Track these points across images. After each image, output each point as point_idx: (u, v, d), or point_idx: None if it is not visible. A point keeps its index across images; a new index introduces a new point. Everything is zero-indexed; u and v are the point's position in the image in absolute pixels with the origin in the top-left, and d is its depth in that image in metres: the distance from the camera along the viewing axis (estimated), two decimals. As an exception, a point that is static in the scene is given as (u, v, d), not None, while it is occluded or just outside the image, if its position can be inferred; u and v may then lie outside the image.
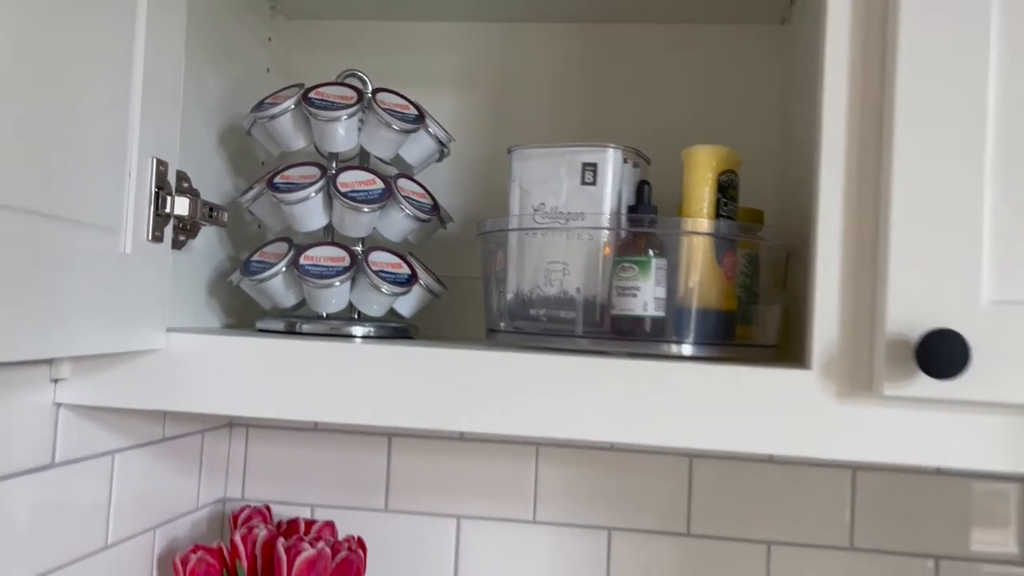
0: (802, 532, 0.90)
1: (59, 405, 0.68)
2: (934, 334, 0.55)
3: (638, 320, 0.67)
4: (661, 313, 0.67)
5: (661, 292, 0.67)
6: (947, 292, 0.57)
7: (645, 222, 0.69)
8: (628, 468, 0.92)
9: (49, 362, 0.67)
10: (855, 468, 0.89)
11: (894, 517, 0.88)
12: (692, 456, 0.92)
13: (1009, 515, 0.87)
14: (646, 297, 0.67)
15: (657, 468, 0.92)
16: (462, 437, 0.95)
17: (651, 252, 0.67)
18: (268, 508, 0.91)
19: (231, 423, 0.98)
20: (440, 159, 0.86)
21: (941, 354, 0.55)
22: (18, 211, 0.50)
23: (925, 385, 0.56)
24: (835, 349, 0.60)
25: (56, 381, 0.68)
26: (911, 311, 0.57)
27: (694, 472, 0.91)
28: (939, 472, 0.88)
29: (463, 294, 0.89)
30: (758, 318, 0.76)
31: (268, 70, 0.94)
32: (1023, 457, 0.58)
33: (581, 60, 0.94)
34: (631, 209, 0.70)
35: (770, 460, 0.90)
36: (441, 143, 0.83)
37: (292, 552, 0.79)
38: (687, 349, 0.67)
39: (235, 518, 0.88)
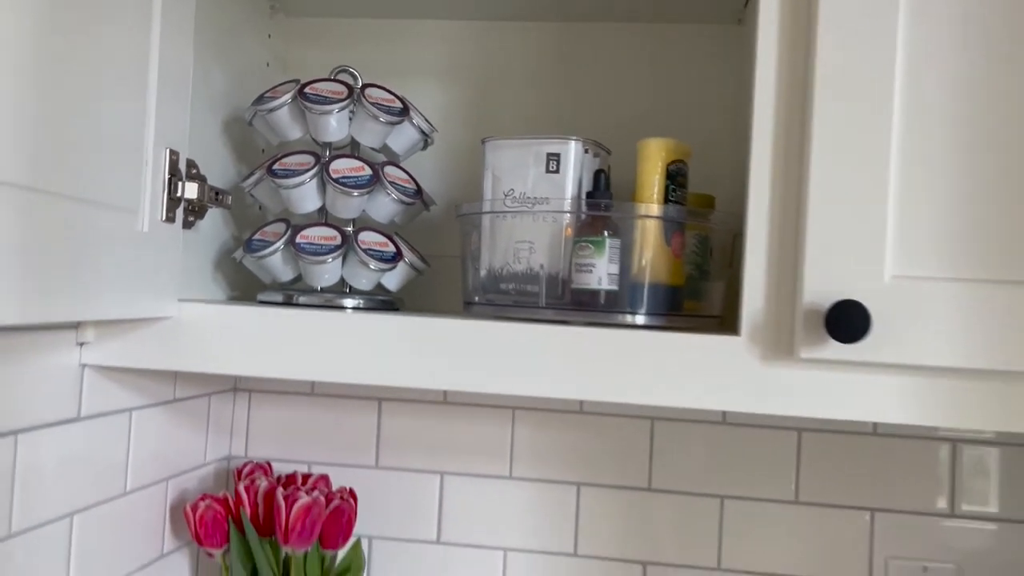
0: (752, 487, 0.99)
1: (84, 366, 0.77)
2: (840, 304, 0.64)
3: (594, 293, 0.76)
4: (615, 287, 0.76)
5: (614, 268, 0.76)
6: (855, 268, 0.66)
7: (601, 206, 0.77)
8: (595, 429, 1.01)
9: (75, 327, 0.76)
10: (800, 430, 0.98)
11: (835, 474, 0.98)
12: (653, 419, 1.01)
13: (938, 471, 0.96)
14: (600, 273, 0.76)
15: (621, 429, 1.01)
16: (445, 401, 1.04)
17: (606, 233, 0.76)
18: (269, 464, 1.01)
19: (235, 387, 1.08)
20: (424, 148, 0.94)
21: (846, 322, 0.64)
22: (51, 195, 0.59)
23: (834, 349, 0.65)
24: (760, 318, 0.69)
25: (81, 344, 0.77)
26: (824, 285, 0.66)
27: (655, 433, 1.01)
28: (875, 433, 0.97)
29: (444, 271, 0.97)
30: (706, 293, 0.85)
31: (268, 64, 1.03)
32: (921, 412, 0.67)
33: (553, 56, 1.02)
34: (589, 195, 0.78)
35: (723, 422, 1.00)
36: (424, 133, 0.91)
37: (290, 500, 0.88)
38: (639, 319, 0.76)
39: (239, 472, 0.97)
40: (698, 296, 0.86)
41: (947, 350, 0.65)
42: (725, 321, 0.82)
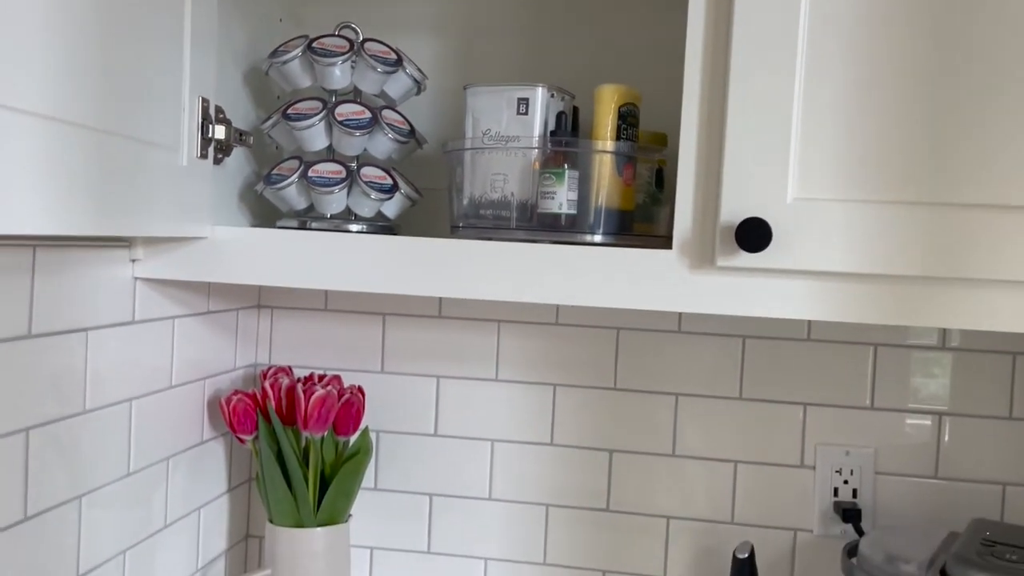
0: (702, 386, 1.15)
1: (136, 279, 0.94)
2: (747, 221, 0.79)
3: (556, 216, 0.91)
4: (573, 211, 0.91)
5: (573, 195, 0.91)
6: (763, 192, 0.80)
7: (562, 143, 0.92)
8: (569, 338, 1.18)
9: (128, 246, 0.92)
10: (744, 336, 1.14)
11: (773, 374, 1.13)
12: (618, 328, 1.17)
13: (861, 371, 1.12)
14: (561, 199, 0.91)
15: (591, 338, 1.17)
16: (440, 315, 1.21)
17: (566, 166, 0.91)
18: (290, 368, 1.18)
19: (259, 304, 1.24)
20: (418, 93, 1.08)
21: (751, 235, 0.79)
22: (112, 134, 0.74)
23: (744, 258, 0.81)
24: (688, 235, 0.84)
25: (134, 261, 0.93)
26: (738, 205, 0.81)
27: (620, 341, 1.17)
28: (808, 339, 1.13)
29: (435, 200, 1.12)
30: (656, 216, 1.00)
31: (281, 20, 1.17)
32: (818, 309, 0.82)
33: (530, 10, 1.15)
34: (552, 133, 0.93)
35: (678, 331, 1.15)
36: (417, 81, 1.05)
37: (308, 393, 1.05)
38: (596, 238, 0.91)
39: (264, 374, 1.14)
40: (651, 219, 1.01)
41: (838, 258, 0.80)
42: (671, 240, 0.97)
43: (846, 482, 1.12)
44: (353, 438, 1.13)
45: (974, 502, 1.10)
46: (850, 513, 1.09)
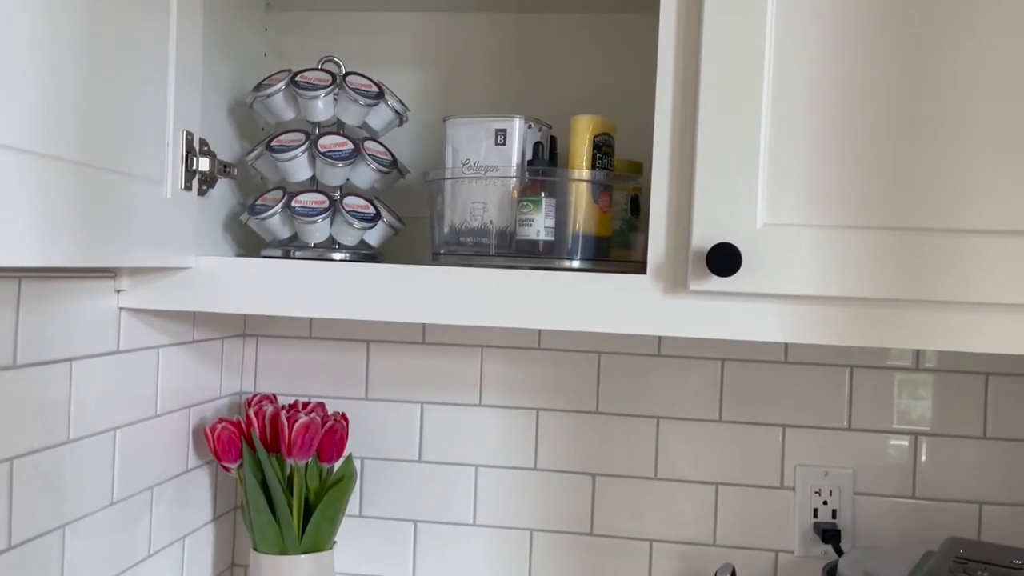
0: (683, 409, 1.17)
1: (121, 309, 0.95)
2: (717, 246, 0.81)
3: (534, 243, 0.93)
4: (551, 238, 0.93)
5: (551, 223, 0.93)
6: (732, 218, 0.83)
7: (539, 172, 0.94)
8: (551, 363, 1.19)
9: (114, 276, 0.93)
10: (723, 359, 1.16)
11: (752, 396, 1.15)
12: (599, 353, 1.18)
13: (838, 393, 1.14)
14: (539, 226, 0.93)
15: (573, 363, 1.19)
16: (424, 342, 1.22)
17: (543, 194, 0.93)
18: (274, 396, 1.19)
19: (244, 332, 1.25)
20: (400, 124, 1.11)
21: (722, 259, 0.81)
22: (98, 168, 0.76)
23: (715, 282, 0.83)
24: (662, 260, 0.86)
25: (119, 292, 0.94)
26: (709, 232, 0.83)
27: (601, 365, 1.18)
28: (786, 361, 1.15)
29: (416, 229, 1.14)
30: (633, 242, 1.02)
31: (265, 54, 1.19)
32: (787, 331, 0.84)
33: (507, 44, 1.18)
34: (529, 163, 0.95)
35: (658, 354, 1.17)
36: (398, 113, 1.08)
37: (292, 420, 1.06)
38: (573, 264, 0.93)
39: (248, 402, 1.15)
40: (627, 245, 1.03)
41: (808, 281, 0.82)
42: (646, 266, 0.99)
43: (825, 503, 1.13)
44: (337, 465, 1.13)
45: (952, 521, 1.12)
46: (830, 533, 1.11)
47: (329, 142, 1.02)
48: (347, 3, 1.18)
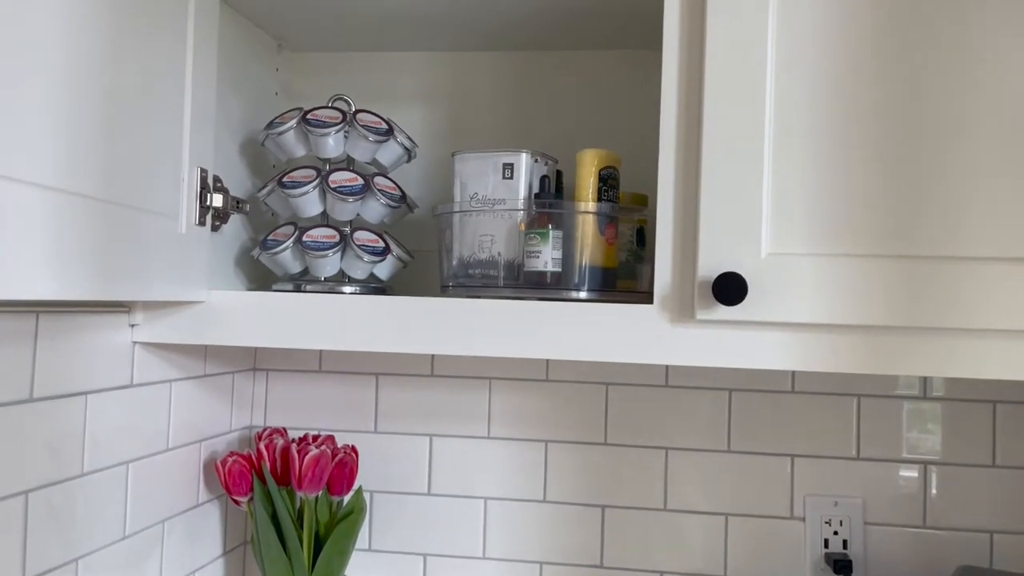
0: (691, 439, 1.17)
1: (135, 343, 0.96)
2: (723, 276, 0.82)
3: (541, 274, 0.94)
4: (558, 269, 0.94)
5: (558, 254, 0.94)
6: (738, 248, 0.84)
7: (546, 205, 0.96)
8: (559, 395, 1.20)
9: (128, 311, 0.95)
10: (731, 390, 1.16)
11: (760, 426, 1.16)
12: (607, 384, 1.19)
13: (846, 422, 1.14)
14: (546, 258, 0.94)
15: (581, 394, 1.19)
16: (432, 374, 1.23)
17: (550, 226, 0.94)
18: (285, 429, 1.19)
19: (255, 367, 1.27)
20: (409, 160, 1.13)
21: (728, 289, 0.82)
22: (112, 203, 0.77)
23: (722, 311, 0.84)
24: (668, 290, 0.87)
25: (133, 326, 0.96)
26: (714, 261, 0.84)
27: (609, 396, 1.19)
28: (793, 391, 1.15)
29: (425, 262, 1.16)
30: (639, 273, 1.04)
31: (276, 93, 1.22)
32: (793, 359, 0.85)
33: (512, 81, 1.21)
34: (536, 196, 0.97)
35: (666, 385, 1.18)
36: (407, 149, 1.10)
37: (302, 453, 1.07)
38: (580, 295, 0.95)
39: (259, 436, 1.16)
40: (633, 276, 1.04)
41: (814, 310, 0.83)
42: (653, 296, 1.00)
43: (836, 533, 1.13)
44: (347, 498, 1.14)
45: (963, 550, 1.11)
46: (841, 564, 1.10)
47: (340, 178, 1.04)
48: (356, 44, 1.21)
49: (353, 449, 1.13)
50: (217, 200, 0.96)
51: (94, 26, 0.73)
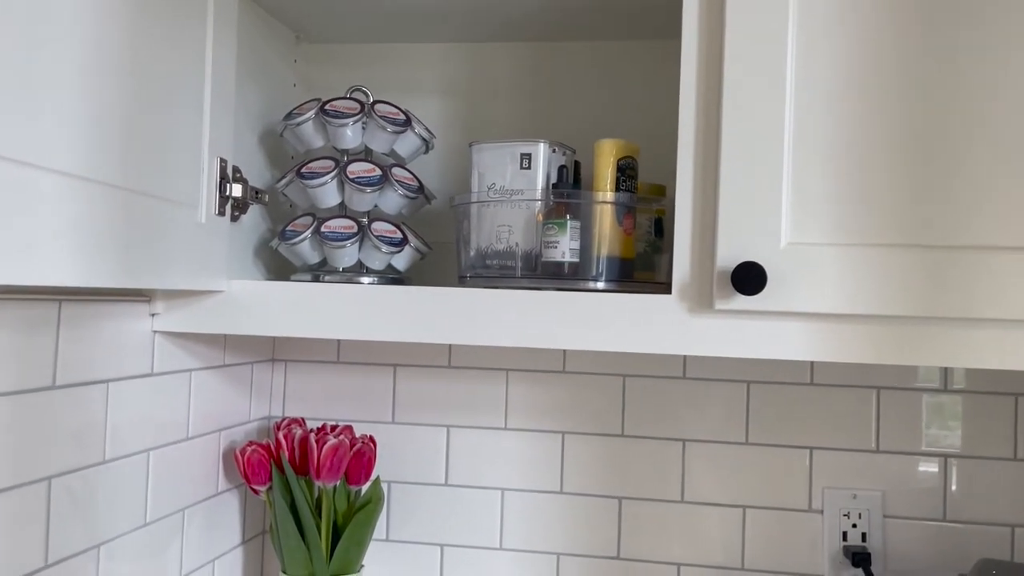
0: (709, 431, 1.17)
1: (155, 332, 0.97)
2: (743, 265, 0.82)
3: (559, 264, 0.94)
4: (576, 260, 0.94)
5: (575, 245, 0.94)
6: (757, 238, 0.83)
7: (563, 195, 0.96)
8: (576, 386, 1.20)
9: (148, 300, 0.96)
10: (749, 382, 1.16)
11: (779, 419, 1.15)
12: (624, 375, 1.19)
13: (865, 414, 1.13)
14: (564, 248, 0.94)
15: (597, 385, 1.19)
16: (450, 366, 1.23)
17: (568, 216, 0.94)
18: (303, 419, 1.20)
19: (273, 357, 1.27)
20: (426, 151, 1.13)
21: (747, 278, 0.81)
22: (135, 192, 0.78)
23: (741, 301, 0.83)
24: (687, 279, 0.87)
25: (153, 315, 0.96)
26: (733, 251, 0.84)
27: (626, 388, 1.19)
28: (812, 383, 1.14)
29: (443, 253, 1.16)
30: (657, 264, 1.03)
31: (295, 85, 1.22)
32: (812, 349, 0.84)
33: (529, 71, 1.20)
34: (554, 186, 0.97)
35: (683, 376, 1.17)
36: (425, 140, 1.10)
37: (320, 442, 1.08)
38: (598, 285, 0.95)
39: (277, 426, 1.16)
40: (651, 267, 1.04)
41: (833, 300, 0.83)
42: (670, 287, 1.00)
43: (855, 526, 1.12)
44: (365, 487, 1.14)
45: (984, 544, 1.10)
46: (860, 557, 1.10)
47: (358, 169, 1.05)
48: (374, 35, 1.21)
49: (371, 439, 1.14)
50: (236, 190, 0.97)
51: (117, 17, 0.73)
